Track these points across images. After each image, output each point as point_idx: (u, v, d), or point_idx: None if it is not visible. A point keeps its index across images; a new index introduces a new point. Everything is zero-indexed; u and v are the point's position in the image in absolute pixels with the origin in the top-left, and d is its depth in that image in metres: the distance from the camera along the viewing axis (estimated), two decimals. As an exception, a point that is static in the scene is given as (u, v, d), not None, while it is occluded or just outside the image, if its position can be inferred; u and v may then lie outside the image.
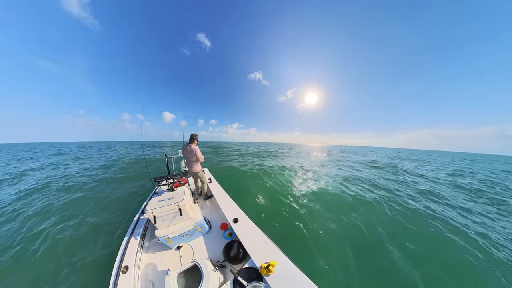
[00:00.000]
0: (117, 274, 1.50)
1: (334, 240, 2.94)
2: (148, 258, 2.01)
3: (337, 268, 2.34)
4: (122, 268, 1.56)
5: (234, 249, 1.84)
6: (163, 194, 2.25)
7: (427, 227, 3.37)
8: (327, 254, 2.60)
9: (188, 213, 2.08)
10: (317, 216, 3.67)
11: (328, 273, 2.27)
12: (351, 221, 3.48)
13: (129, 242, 1.89)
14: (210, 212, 2.91)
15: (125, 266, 1.59)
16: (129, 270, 1.56)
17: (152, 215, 1.90)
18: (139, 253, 1.87)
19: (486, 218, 3.98)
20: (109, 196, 4.93)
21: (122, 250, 1.78)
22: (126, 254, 1.73)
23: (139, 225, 2.21)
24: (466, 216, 4.01)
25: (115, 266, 1.58)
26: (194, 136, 3.08)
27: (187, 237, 2.08)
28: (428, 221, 3.57)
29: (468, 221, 3.69)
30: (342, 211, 3.91)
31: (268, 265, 1.38)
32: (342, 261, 2.48)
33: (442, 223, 3.51)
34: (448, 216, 3.83)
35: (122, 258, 1.67)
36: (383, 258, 2.55)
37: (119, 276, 1.49)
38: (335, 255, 2.59)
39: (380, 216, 3.78)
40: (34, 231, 3.17)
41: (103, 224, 3.40)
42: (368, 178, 7.22)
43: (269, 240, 1.72)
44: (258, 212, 3.76)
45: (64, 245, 2.83)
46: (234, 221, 2.06)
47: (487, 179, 8.45)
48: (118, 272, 1.52)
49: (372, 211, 4.03)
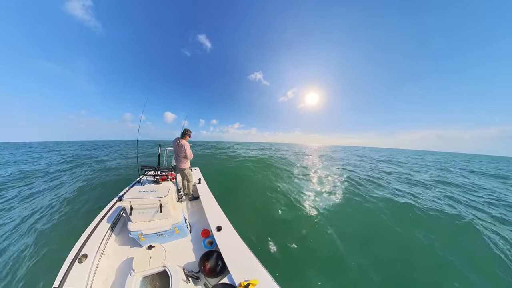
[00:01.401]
0: (71, 262, 1.27)
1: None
2: (113, 251, 1.75)
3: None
4: (80, 256, 1.34)
5: (212, 260, 1.64)
6: (146, 185, 2.09)
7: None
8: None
9: (169, 211, 1.90)
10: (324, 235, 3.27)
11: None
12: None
13: (96, 228, 1.66)
14: (193, 214, 2.68)
15: (84, 254, 1.37)
16: (87, 260, 1.34)
17: (129, 204, 1.72)
18: (104, 244, 1.63)
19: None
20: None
21: (85, 235, 1.54)
22: (88, 241, 1.50)
23: (113, 212, 1.97)
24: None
25: (72, 253, 1.36)
26: (187, 131, 2.96)
27: (162, 237, 1.86)
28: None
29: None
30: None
31: (248, 284, 1.22)
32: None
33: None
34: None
35: (83, 244, 1.44)
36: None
37: (73, 265, 1.26)
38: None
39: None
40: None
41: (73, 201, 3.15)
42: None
43: (253, 256, 1.55)
44: (245, 224, 3.46)
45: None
46: (217, 229, 1.88)
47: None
48: (74, 260, 1.30)
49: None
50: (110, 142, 72.38)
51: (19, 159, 11.52)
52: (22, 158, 11.77)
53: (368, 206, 4.42)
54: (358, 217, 3.98)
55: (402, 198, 5.03)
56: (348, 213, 4.14)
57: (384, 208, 4.25)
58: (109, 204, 2.07)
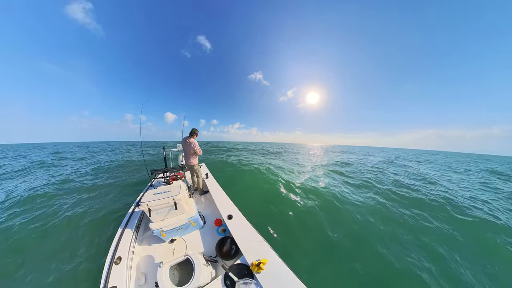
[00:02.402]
0: (110, 265, 1.52)
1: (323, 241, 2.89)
2: (141, 250, 2.03)
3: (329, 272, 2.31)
4: (116, 259, 1.58)
5: (227, 245, 1.87)
6: (159, 187, 2.25)
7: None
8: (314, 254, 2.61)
9: (183, 207, 2.09)
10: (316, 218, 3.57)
11: (318, 274, 2.30)
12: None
13: (123, 233, 1.90)
14: (205, 207, 2.94)
15: (119, 257, 1.60)
16: (122, 261, 1.58)
17: (147, 207, 1.91)
18: (133, 245, 1.89)
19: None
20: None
21: (116, 241, 1.79)
22: (120, 245, 1.74)
23: (134, 217, 2.22)
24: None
25: (109, 257, 1.60)
26: (195, 130, 3.26)
27: (181, 231, 2.10)
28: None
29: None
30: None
31: (259, 263, 1.41)
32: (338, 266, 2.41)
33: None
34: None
35: (115, 249, 1.69)
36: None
37: (112, 267, 1.51)
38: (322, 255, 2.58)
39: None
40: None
41: (99, 214, 3.39)
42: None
43: (262, 239, 1.75)
44: (252, 210, 3.78)
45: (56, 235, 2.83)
46: (228, 218, 2.08)
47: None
48: (111, 263, 1.54)
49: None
50: (112, 143, 69.24)
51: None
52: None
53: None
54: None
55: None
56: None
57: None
58: (129, 210, 2.30)
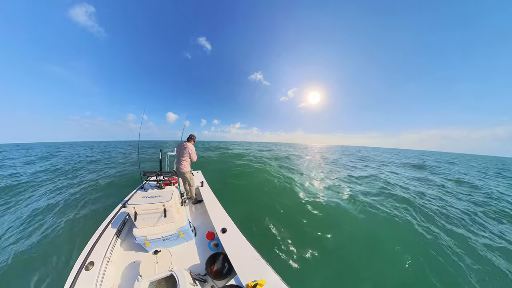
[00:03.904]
0: (79, 270, 1.28)
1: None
2: (119, 258, 1.75)
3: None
4: (87, 263, 1.35)
5: (219, 263, 1.63)
6: (150, 190, 2.10)
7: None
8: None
9: (173, 215, 1.90)
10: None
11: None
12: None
13: (102, 235, 1.67)
14: (197, 218, 2.69)
15: (91, 262, 1.38)
16: (94, 267, 1.35)
17: (134, 210, 1.73)
18: (110, 250, 1.64)
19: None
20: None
21: (91, 243, 1.55)
22: (94, 248, 1.51)
23: (117, 218, 1.99)
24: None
25: (79, 260, 1.37)
26: (192, 136, 3.27)
27: (167, 242, 1.86)
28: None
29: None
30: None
31: (255, 284, 1.21)
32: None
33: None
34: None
35: (89, 252, 1.45)
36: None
37: (80, 272, 1.27)
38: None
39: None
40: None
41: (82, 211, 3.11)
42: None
43: (259, 256, 1.54)
44: (249, 224, 3.46)
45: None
46: (222, 231, 1.87)
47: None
48: (81, 267, 1.31)
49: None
50: (114, 143, 69.88)
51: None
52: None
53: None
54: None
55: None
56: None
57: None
58: (113, 211, 2.08)
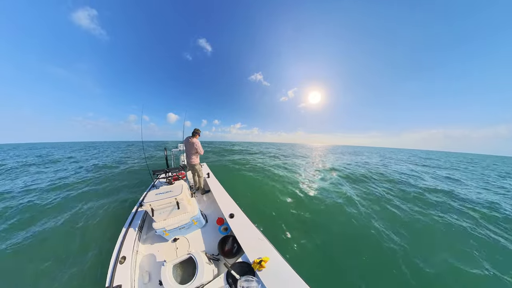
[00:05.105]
0: (115, 264, 1.55)
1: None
2: (145, 249, 2.06)
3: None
4: (120, 258, 1.61)
5: (229, 244, 1.90)
6: (161, 187, 2.28)
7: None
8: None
9: (185, 206, 2.12)
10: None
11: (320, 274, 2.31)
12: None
13: (127, 233, 1.93)
14: (207, 206, 2.97)
15: (123, 256, 1.64)
16: (127, 260, 1.61)
17: (150, 207, 1.94)
18: (137, 244, 1.93)
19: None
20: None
21: (120, 241, 1.82)
22: (124, 245, 1.77)
23: (137, 217, 2.26)
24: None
25: (113, 256, 1.63)
26: (197, 130, 3.32)
27: (183, 230, 2.13)
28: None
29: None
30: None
31: (260, 261, 1.43)
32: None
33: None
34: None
35: (120, 248, 1.72)
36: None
37: (116, 266, 1.54)
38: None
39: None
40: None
41: (103, 215, 3.46)
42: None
43: (263, 237, 1.76)
44: (254, 209, 3.82)
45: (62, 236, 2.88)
46: (230, 216, 2.10)
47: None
48: (116, 262, 1.57)
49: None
50: (117, 143, 68.60)
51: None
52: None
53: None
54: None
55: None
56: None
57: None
58: (132, 211, 2.34)
